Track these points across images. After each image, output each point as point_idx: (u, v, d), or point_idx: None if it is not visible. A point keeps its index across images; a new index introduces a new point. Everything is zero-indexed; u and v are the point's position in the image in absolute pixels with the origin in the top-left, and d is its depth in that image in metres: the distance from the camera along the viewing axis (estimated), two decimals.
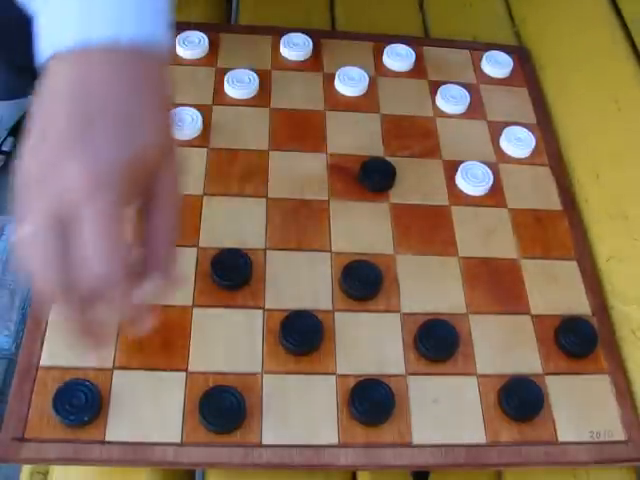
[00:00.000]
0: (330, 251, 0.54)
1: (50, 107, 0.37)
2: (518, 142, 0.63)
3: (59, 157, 0.36)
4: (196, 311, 0.50)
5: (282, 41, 0.68)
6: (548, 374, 0.50)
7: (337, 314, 0.51)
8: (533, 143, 0.63)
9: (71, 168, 0.36)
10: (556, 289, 0.55)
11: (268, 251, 0.54)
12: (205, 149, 0.59)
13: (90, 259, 0.36)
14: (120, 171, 0.36)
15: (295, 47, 0.67)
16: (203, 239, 0.54)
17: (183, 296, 0.50)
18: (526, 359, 0.51)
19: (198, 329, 0.49)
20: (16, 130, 1.17)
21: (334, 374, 0.48)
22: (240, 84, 0.64)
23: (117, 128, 0.37)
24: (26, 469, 0.47)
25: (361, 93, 0.65)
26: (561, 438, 0.47)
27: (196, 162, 0.58)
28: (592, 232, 0.59)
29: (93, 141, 0.36)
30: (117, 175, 0.36)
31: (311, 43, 0.68)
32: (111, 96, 0.37)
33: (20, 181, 0.37)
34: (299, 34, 0.68)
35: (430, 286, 0.53)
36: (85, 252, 0.36)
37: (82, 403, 0.45)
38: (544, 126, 0.66)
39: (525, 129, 0.64)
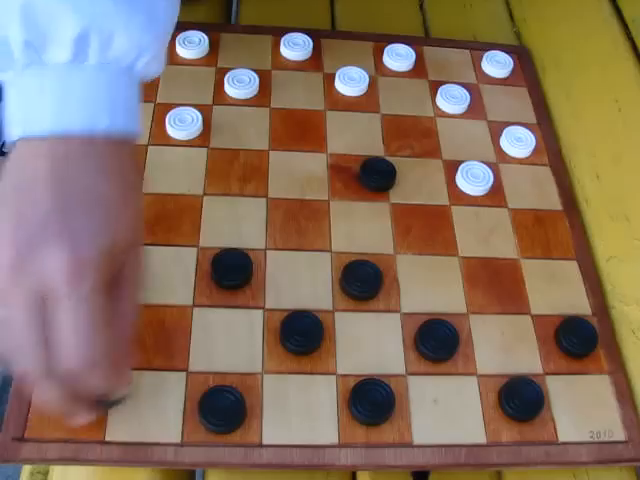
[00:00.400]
0: (330, 251, 0.54)
1: (29, 191, 0.37)
2: (518, 142, 0.63)
3: (39, 241, 0.36)
4: (196, 311, 0.50)
5: (282, 41, 0.68)
6: (548, 374, 0.50)
7: (337, 314, 0.51)
8: (533, 143, 0.63)
9: (52, 254, 0.36)
10: (556, 289, 0.55)
11: (268, 251, 0.54)
12: (205, 149, 0.59)
13: (71, 346, 0.37)
14: (98, 258, 0.37)
15: (295, 47, 0.67)
16: (203, 239, 0.54)
17: (183, 296, 0.51)
18: (526, 359, 0.51)
19: (198, 329, 0.49)
20: None
21: (334, 374, 0.48)
22: (240, 84, 0.64)
23: (95, 216, 0.38)
24: (26, 469, 0.47)
25: (361, 93, 0.65)
26: (561, 438, 0.47)
27: (196, 162, 0.58)
28: (592, 232, 0.59)
29: (73, 228, 0.37)
30: (95, 262, 0.37)
31: (311, 43, 0.68)
32: (89, 185, 0.38)
33: None
34: (299, 34, 0.68)
35: (430, 286, 0.53)
36: (66, 339, 0.37)
37: None
38: (544, 126, 0.66)
39: (525, 129, 0.64)
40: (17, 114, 0.39)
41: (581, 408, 0.49)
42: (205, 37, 0.67)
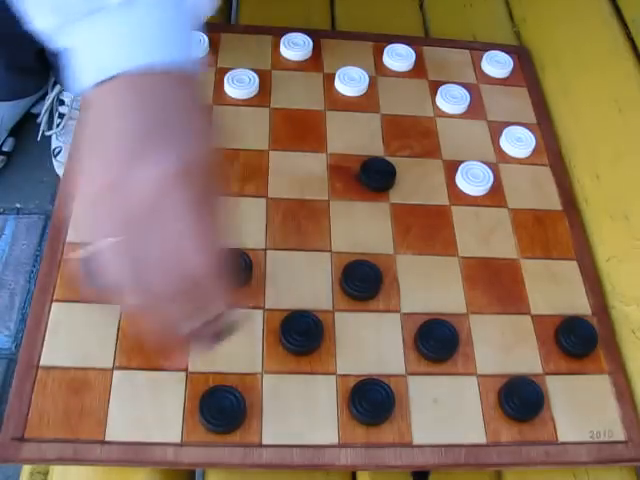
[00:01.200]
0: (330, 251, 0.54)
1: (115, 121, 0.39)
2: (518, 142, 0.63)
3: (132, 162, 0.38)
4: None
5: (282, 41, 0.68)
6: (548, 374, 0.50)
7: (337, 314, 0.51)
8: (533, 143, 0.63)
9: (146, 171, 0.38)
10: (556, 289, 0.55)
11: (268, 251, 0.54)
12: None
13: (194, 251, 0.38)
14: (190, 170, 0.39)
15: (295, 47, 0.67)
16: None
17: None
18: (526, 359, 0.51)
19: None
20: (16, 131, 1.17)
21: (334, 374, 0.48)
22: (240, 84, 0.64)
23: (180, 132, 0.40)
24: (26, 469, 0.47)
25: (361, 93, 0.65)
26: (561, 438, 0.48)
27: None
28: (592, 232, 0.59)
29: (162, 144, 0.39)
30: (187, 174, 0.39)
31: (311, 43, 0.68)
32: (168, 104, 0.40)
33: (87, 192, 0.38)
34: (299, 34, 0.68)
35: (430, 286, 0.53)
36: (186, 246, 0.38)
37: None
38: (544, 126, 0.66)
39: (525, 129, 0.64)
40: (85, 63, 0.40)
41: (581, 408, 0.49)
42: (205, 37, 0.67)
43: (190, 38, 0.43)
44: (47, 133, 1.16)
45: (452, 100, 0.65)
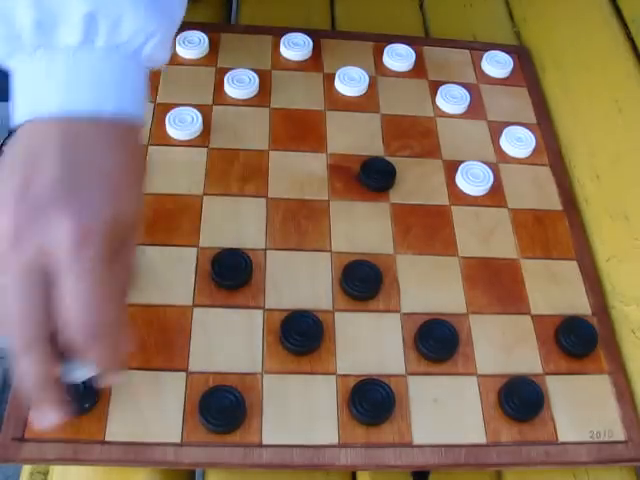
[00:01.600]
0: (330, 251, 0.54)
1: (38, 161, 0.38)
2: (518, 142, 0.63)
3: (44, 209, 0.36)
4: (196, 311, 0.50)
5: (282, 41, 0.68)
6: (548, 374, 0.50)
7: (337, 314, 0.51)
8: (533, 143, 0.63)
9: (58, 222, 0.36)
10: (556, 289, 0.55)
11: (268, 251, 0.54)
12: (205, 149, 0.59)
13: (75, 314, 0.37)
14: (103, 229, 0.37)
15: (295, 47, 0.67)
16: (203, 239, 0.54)
17: (183, 296, 0.51)
18: (526, 359, 0.51)
19: (198, 329, 0.49)
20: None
21: (334, 374, 0.48)
22: (240, 84, 0.64)
23: (101, 189, 0.38)
24: (26, 469, 0.47)
25: (361, 93, 0.65)
26: (561, 438, 0.47)
27: (196, 162, 0.58)
28: (592, 232, 0.59)
29: (80, 198, 0.37)
30: (100, 232, 0.37)
31: (311, 43, 0.68)
32: (97, 158, 0.39)
33: None
34: (299, 34, 0.68)
35: (430, 286, 0.53)
36: (70, 307, 0.36)
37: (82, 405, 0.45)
38: (544, 126, 0.66)
39: (525, 129, 0.64)
40: (25, 97, 0.39)
41: (581, 408, 0.49)
42: (205, 37, 0.67)
43: (141, 90, 0.42)
44: None
45: (452, 100, 0.65)
